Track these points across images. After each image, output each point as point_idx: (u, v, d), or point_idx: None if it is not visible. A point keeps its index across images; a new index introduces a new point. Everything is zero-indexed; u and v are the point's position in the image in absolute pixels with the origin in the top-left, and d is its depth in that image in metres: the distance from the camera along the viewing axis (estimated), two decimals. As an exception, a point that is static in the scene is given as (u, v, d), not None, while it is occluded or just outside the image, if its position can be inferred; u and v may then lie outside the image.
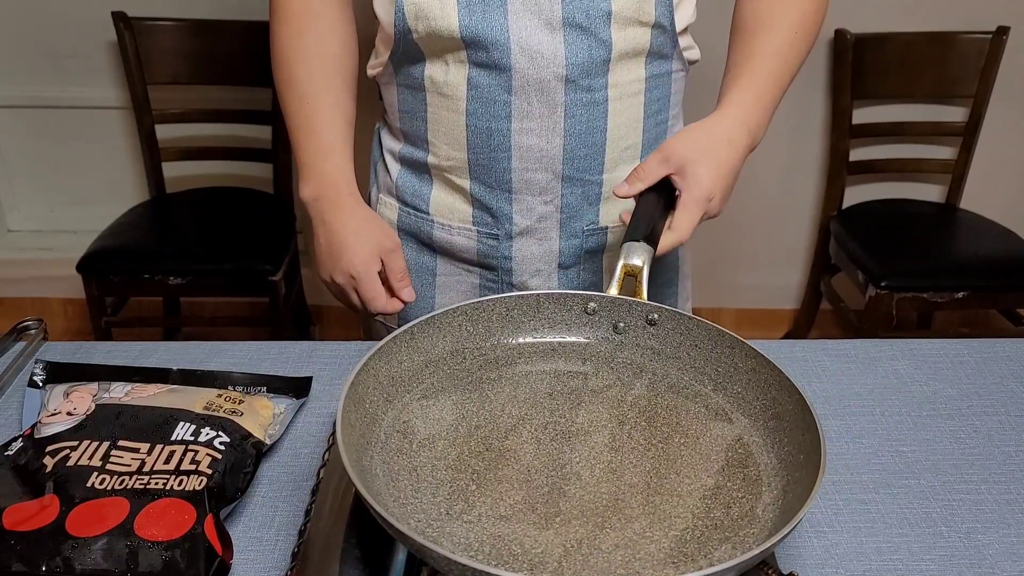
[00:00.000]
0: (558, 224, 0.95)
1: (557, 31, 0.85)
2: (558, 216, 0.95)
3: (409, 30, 0.86)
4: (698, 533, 0.60)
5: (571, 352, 0.78)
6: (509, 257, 0.96)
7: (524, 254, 0.96)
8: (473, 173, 0.93)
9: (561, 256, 0.97)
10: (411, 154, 0.96)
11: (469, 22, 0.84)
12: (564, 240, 0.96)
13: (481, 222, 0.95)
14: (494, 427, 0.69)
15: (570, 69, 0.86)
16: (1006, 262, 2.06)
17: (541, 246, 0.96)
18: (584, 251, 0.98)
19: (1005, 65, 2.14)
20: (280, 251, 2.03)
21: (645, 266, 0.78)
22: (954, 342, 0.95)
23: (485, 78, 0.87)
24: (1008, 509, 0.73)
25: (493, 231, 0.95)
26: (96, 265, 1.97)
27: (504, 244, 0.96)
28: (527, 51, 0.85)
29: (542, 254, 0.97)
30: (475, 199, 0.94)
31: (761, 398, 0.70)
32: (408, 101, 0.94)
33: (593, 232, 0.97)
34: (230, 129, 2.21)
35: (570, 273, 0.99)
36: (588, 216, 0.96)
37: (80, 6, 2.21)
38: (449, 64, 0.88)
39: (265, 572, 0.66)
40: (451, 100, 0.89)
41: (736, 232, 2.50)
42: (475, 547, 0.59)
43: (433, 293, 1.01)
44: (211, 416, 0.74)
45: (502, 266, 0.97)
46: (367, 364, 0.68)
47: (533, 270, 0.97)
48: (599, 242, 0.98)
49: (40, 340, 0.92)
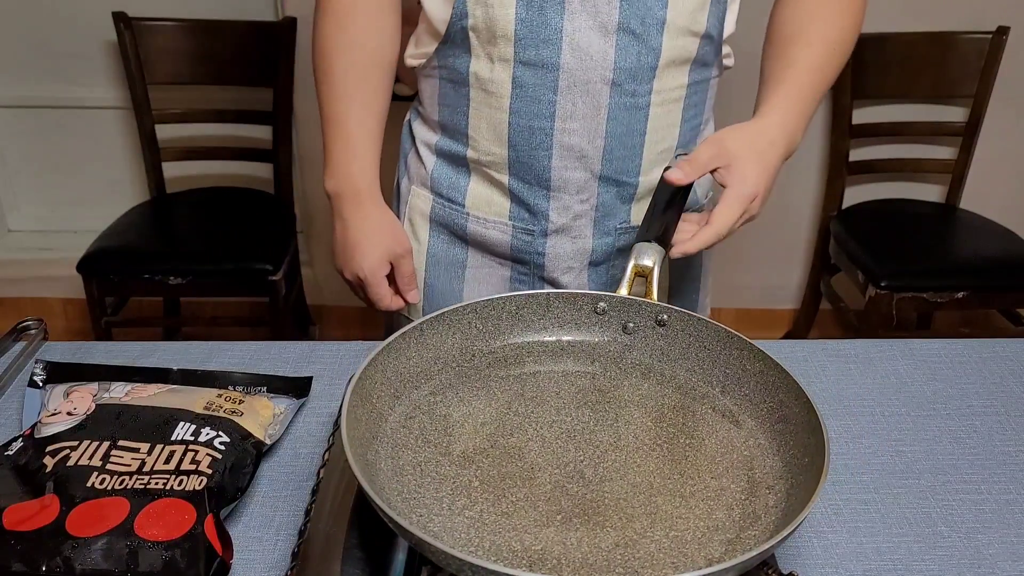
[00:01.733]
0: (592, 222, 0.96)
1: (610, 35, 0.85)
2: (593, 215, 0.95)
3: (466, 14, 0.86)
4: (699, 534, 0.60)
5: (580, 352, 0.78)
6: (543, 253, 0.97)
7: (558, 251, 0.97)
8: (512, 169, 0.93)
9: (593, 254, 0.98)
10: (449, 147, 0.97)
11: (526, 15, 0.84)
12: (597, 238, 0.97)
13: (518, 217, 0.96)
14: (500, 424, 0.69)
15: (617, 73, 0.87)
16: (1006, 262, 2.06)
17: (575, 244, 0.97)
18: (616, 249, 0.98)
19: (1005, 65, 2.14)
20: (280, 251, 2.03)
21: (656, 267, 0.78)
22: (954, 342, 0.95)
23: (531, 77, 0.87)
24: (1008, 509, 0.73)
25: (529, 227, 0.96)
26: (96, 265, 1.97)
27: (539, 240, 0.96)
28: (577, 51, 0.86)
29: (575, 252, 0.97)
30: (513, 195, 0.95)
31: (768, 400, 0.70)
32: (450, 95, 0.94)
33: (625, 230, 0.98)
34: (230, 129, 2.22)
35: (600, 270, 0.99)
36: (621, 215, 0.96)
37: (80, 6, 2.21)
38: (495, 61, 0.88)
39: (265, 572, 0.66)
40: (495, 97, 0.90)
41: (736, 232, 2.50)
42: (475, 543, 0.59)
43: (462, 286, 1.01)
44: (211, 416, 0.74)
45: (535, 261, 0.98)
46: (375, 359, 0.68)
47: (565, 267, 0.98)
48: (630, 240, 0.98)
49: (40, 340, 0.92)
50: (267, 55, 2.10)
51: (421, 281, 1.03)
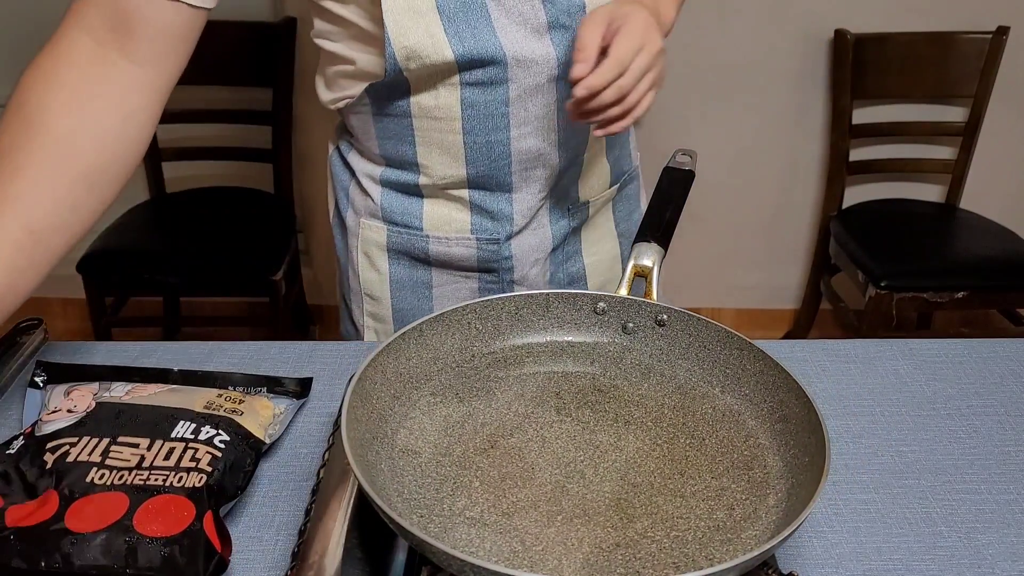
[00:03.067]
0: (548, 211, 0.97)
1: (544, 35, 0.86)
2: (548, 203, 0.97)
3: (401, 69, 0.84)
4: (700, 534, 0.60)
5: (579, 352, 0.78)
6: (509, 256, 0.97)
7: (523, 249, 0.97)
8: (472, 183, 0.93)
9: (553, 241, 0.99)
10: (397, 177, 0.95)
11: (463, 50, 0.83)
12: (553, 224, 0.98)
13: (480, 229, 0.95)
14: (500, 425, 0.69)
15: (562, 68, 0.87)
16: (1006, 262, 2.06)
17: (536, 236, 0.97)
18: (571, 229, 1.00)
19: (1005, 65, 2.14)
20: (280, 251, 2.04)
21: (655, 267, 0.78)
22: (954, 342, 0.95)
23: (480, 95, 0.87)
24: (1008, 509, 0.73)
25: (493, 236, 0.95)
26: (96, 265, 1.97)
27: (504, 246, 0.96)
28: (522, 62, 0.85)
29: (538, 243, 0.98)
30: (475, 207, 0.94)
31: (769, 400, 0.70)
32: (390, 128, 0.91)
33: (577, 209, 0.99)
34: (230, 129, 2.22)
35: (556, 253, 1.00)
36: (571, 194, 0.98)
37: (80, 6, 2.21)
38: (439, 89, 0.87)
39: (265, 572, 0.66)
40: (444, 122, 0.88)
41: (736, 232, 2.50)
42: (476, 543, 0.59)
43: (431, 306, 1.00)
44: (211, 415, 0.74)
45: (503, 267, 0.97)
46: (375, 360, 0.68)
47: (532, 261, 0.98)
48: (581, 218, 1.00)
49: (40, 340, 0.92)
50: (267, 55, 2.10)
51: (387, 309, 1.01)
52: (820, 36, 2.24)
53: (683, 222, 0.84)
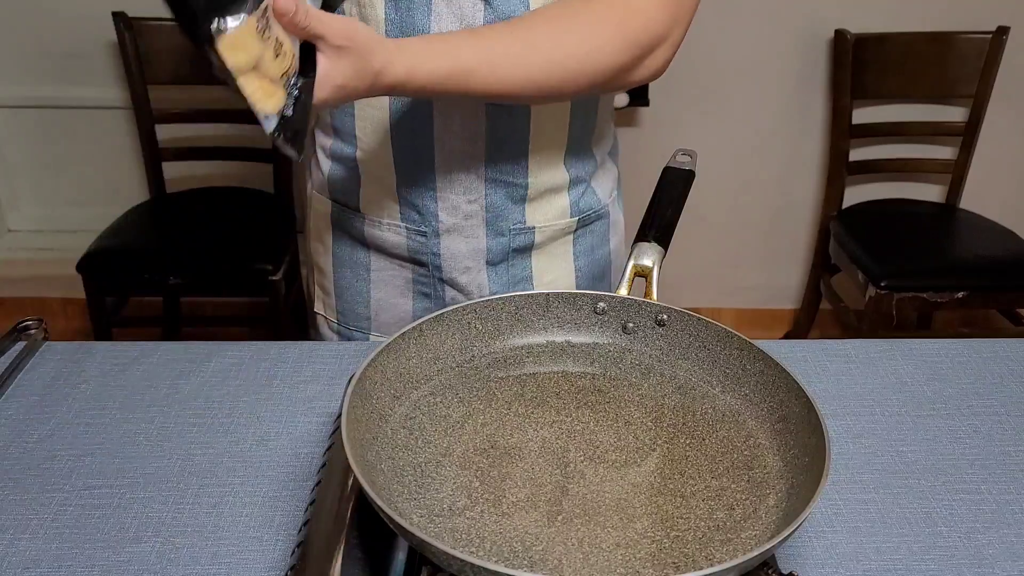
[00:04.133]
0: (484, 223, 0.95)
1: None
2: (483, 215, 0.95)
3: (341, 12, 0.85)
4: (700, 534, 0.60)
5: (580, 352, 0.78)
6: (438, 254, 0.97)
7: (452, 251, 0.96)
8: (399, 169, 0.93)
9: (489, 253, 0.97)
10: (341, 150, 0.96)
11: (395, 16, 0.84)
12: (491, 238, 0.96)
13: (408, 219, 0.96)
14: (500, 425, 0.69)
15: None
16: (1006, 262, 2.06)
17: (468, 243, 0.96)
18: (512, 249, 0.98)
19: (1005, 65, 2.14)
20: (280, 251, 2.04)
21: (655, 267, 0.78)
22: (954, 342, 0.95)
23: None
24: (1008, 509, 0.73)
25: (421, 228, 0.95)
26: (96, 265, 1.97)
27: (432, 241, 0.96)
28: None
29: (470, 251, 0.97)
30: (401, 196, 0.95)
31: (768, 400, 0.70)
32: None
33: (520, 231, 0.97)
34: (230, 129, 2.22)
35: (499, 269, 0.99)
36: (514, 216, 0.96)
37: (80, 6, 2.21)
38: None
39: (265, 572, 0.66)
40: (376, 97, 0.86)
41: (736, 232, 2.50)
42: (476, 543, 0.59)
43: (368, 288, 1.01)
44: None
45: (432, 262, 0.97)
46: (375, 359, 0.68)
47: (462, 267, 0.97)
48: (526, 241, 0.98)
49: (40, 340, 0.92)
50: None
51: (331, 283, 1.04)
52: (820, 36, 2.24)
53: (683, 222, 0.84)
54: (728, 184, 2.39)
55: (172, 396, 0.85)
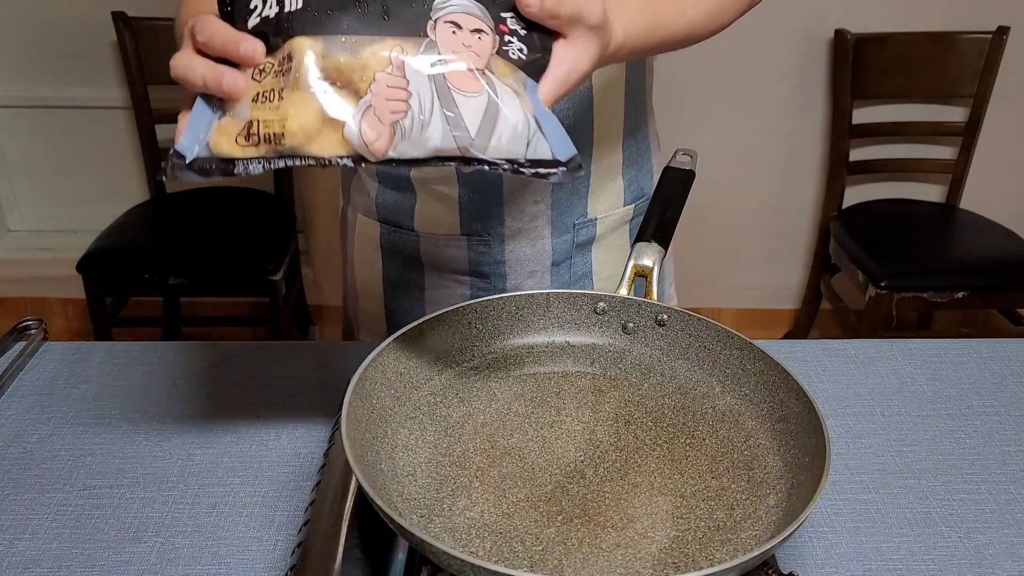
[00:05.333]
0: (550, 222, 0.95)
1: None
2: (549, 214, 0.94)
3: None
4: (700, 534, 0.60)
5: (580, 352, 0.78)
6: (502, 261, 0.95)
7: (517, 256, 0.95)
8: (461, 179, 0.92)
9: (554, 254, 0.96)
10: (391, 169, 0.93)
11: None
12: (556, 237, 0.96)
13: (470, 230, 0.94)
14: (500, 425, 0.69)
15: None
16: (1006, 262, 2.06)
17: (534, 247, 0.95)
18: (575, 245, 0.97)
19: (1005, 65, 2.14)
20: (280, 251, 2.04)
21: (656, 266, 0.78)
22: (954, 342, 0.95)
23: None
24: (1008, 509, 0.73)
25: (484, 236, 0.94)
26: (96, 265, 1.97)
27: (496, 248, 0.95)
28: None
29: (535, 254, 0.96)
30: (464, 205, 0.93)
31: (769, 400, 0.70)
32: None
33: (583, 225, 0.96)
34: (230, 129, 2.22)
35: (561, 269, 0.98)
36: (578, 209, 0.95)
37: (80, 6, 2.21)
38: None
39: (265, 572, 0.66)
40: None
41: (736, 232, 2.50)
42: (476, 543, 0.59)
43: (423, 308, 0.99)
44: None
45: (495, 272, 0.96)
46: (375, 360, 0.68)
47: (527, 272, 0.96)
48: (589, 235, 0.97)
49: (40, 340, 0.92)
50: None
51: (381, 308, 1.01)
52: (820, 36, 2.24)
53: (683, 222, 0.84)
54: (728, 184, 2.39)
55: (172, 396, 0.85)
